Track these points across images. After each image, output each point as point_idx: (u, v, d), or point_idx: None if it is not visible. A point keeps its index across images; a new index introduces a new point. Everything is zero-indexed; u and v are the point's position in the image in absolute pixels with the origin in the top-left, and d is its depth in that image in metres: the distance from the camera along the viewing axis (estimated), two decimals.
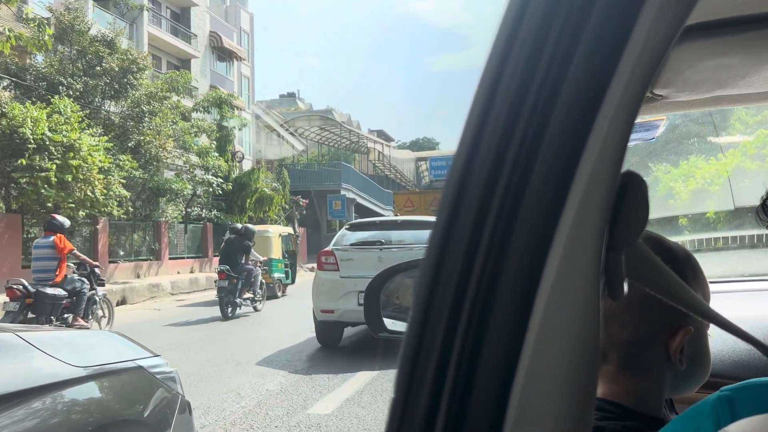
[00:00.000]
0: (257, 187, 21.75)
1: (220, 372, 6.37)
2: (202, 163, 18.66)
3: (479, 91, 0.39)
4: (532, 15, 0.38)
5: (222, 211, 21.61)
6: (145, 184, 16.45)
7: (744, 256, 3.53)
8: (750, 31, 0.79)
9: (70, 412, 2.14)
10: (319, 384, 5.75)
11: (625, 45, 0.35)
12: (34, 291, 7.26)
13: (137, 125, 15.66)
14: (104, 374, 2.35)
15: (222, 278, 10.36)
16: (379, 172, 43.82)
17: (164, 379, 2.63)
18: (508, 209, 0.36)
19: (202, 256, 20.51)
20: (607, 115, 0.35)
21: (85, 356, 2.34)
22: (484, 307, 0.36)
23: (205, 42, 29.34)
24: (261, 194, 21.78)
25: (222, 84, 30.22)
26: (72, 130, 12.41)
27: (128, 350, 2.67)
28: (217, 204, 21.50)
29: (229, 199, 21.74)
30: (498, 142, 0.37)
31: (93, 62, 15.16)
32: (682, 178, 4.80)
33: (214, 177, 19.05)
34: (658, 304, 0.53)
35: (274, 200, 22.01)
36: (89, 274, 8.23)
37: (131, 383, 2.51)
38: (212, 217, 21.08)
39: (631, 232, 0.41)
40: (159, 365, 2.67)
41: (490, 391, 0.35)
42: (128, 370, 2.49)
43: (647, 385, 0.71)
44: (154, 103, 15.80)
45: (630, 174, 0.41)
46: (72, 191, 12.45)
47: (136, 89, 15.76)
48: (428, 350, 0.37)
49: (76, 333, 3.55)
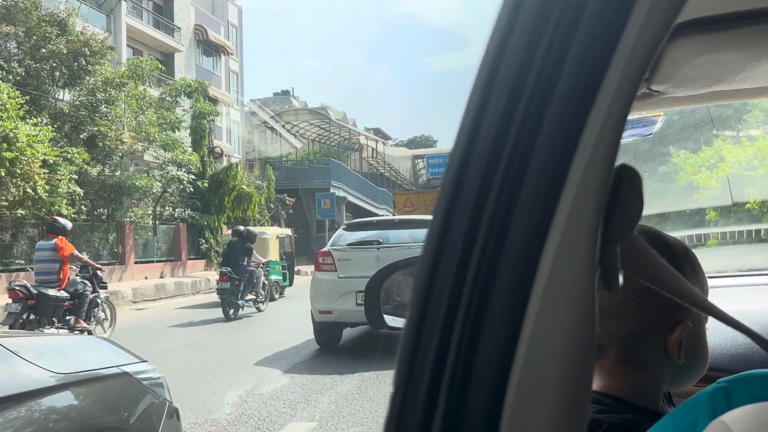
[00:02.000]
0: (235, 184, 20.18)
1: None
2: (172, 158, 17.08)
3: (475, 87, 0.40)
4: (526, 13, 0.39)
5: (198, 211, 20.04)
6: (105, 180, 14.90)
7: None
8: (746, 27, 0.81)
9: (48, 420, 2.10)
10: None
11: (618, 41, 0.36)
12: (36, 293, 7.24)
13: (92, 115, 14.08)
14: (87, 381, 2.33)
15: (224, 280, 10.40)
16: (374, 170, 42.36)
17: (151, 385, 2.62)
18: (504, 204, 0.37)
19: (175, 260, 18.91)
20: (601, 110, 0.36)
21: (67, 363, 2.34)
22: (480, 301, 0.37)
23: (190, 35, 28.40)
24: (239, 192, 20.20)
25: (209, 79, 29.18)
26: (7, 119, 10.89)
27: (114, 356, 2.66)
28: (191, 203, 19.93)
29: (205, 197, 20.19)
30: (494, 138, 0.38)
31: (39, 44, 13.59)
32: (707, 165, 4.41)
33: (185, 173, 17.47)
34: (656, 299, 0.53)
35: (254, 198, 20.41)
36: (91, 276, 8.20)
37: (116, 390, 2.49)
38: (186, 217, 19.50)
39: (626, 224, 0.42)
40: (146, 371, 2.65)
41: (487, 385, 0.36)
42: (113, 377, 2.48)
43: (645, 379, 0.72)
44: (111, 91, 14.23)
45: (625, 167, 0.41)
46: (6, 187, 10.93)
47: (92, 75, 14.17)
48: (426, 345, 0.38)
49: (61, 339, 3.48)
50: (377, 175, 41.64)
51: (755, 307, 1.49)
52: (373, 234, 7.42)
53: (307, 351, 7.38)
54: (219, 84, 30.09)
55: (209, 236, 20.26)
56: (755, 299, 1.64)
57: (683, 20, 0.81)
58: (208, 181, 19.80)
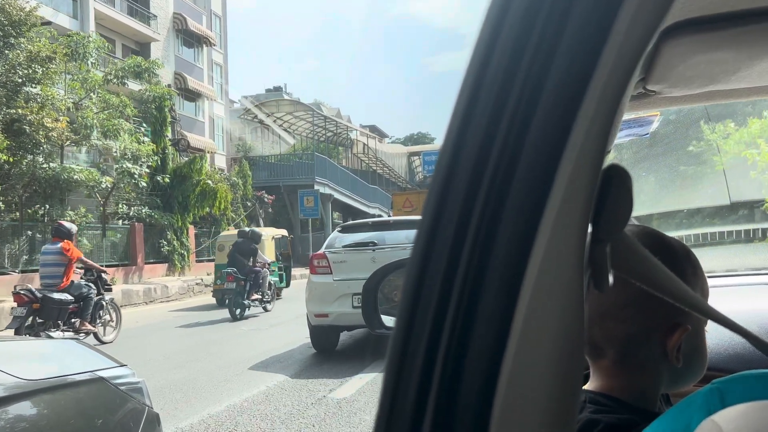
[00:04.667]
0: (200, 179, 18.06)
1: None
2: (122, 148, 14.96)
3: (463, 88, 0.40)
4: (514, 13, 0.39)
5: (158, 209, 17.95)
6: (34, 173, 12.82)
7: None
8: (741, 26, 0.81)
9: (14, 429, 2.05)
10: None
11: (606, 41, 0.37)
12: (41, 296, 7.30)
13: (14, 96, 11.98)
14: (57, 387, 2.27)
15: (230, 280, 10.71)
16: (367, 167, 40.30)
17: (129, 390, 2.56)
18: (493, 204, 0.37)
19: (129, 264, 16.79)
20: (589, 111, 0.36)
21: (38, 369, 2.32)
22: (469, 302, 0.37)
23: (168, 24, 26.99)
24: (203, 187, 18.09)
25: (190, 71, 27.93)
26: None
27: (90, 361, 2.60)
28: (150, 200, 17.84)
29: (167, 194, 18.10)
30: (482, 138, 0.38)
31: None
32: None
33: (138, 167, 15.36)
34: (656, 301, 0.53)
35: (218, 193, 18.29)
36: (96, 279, 8.22)
37: (90, 396, 2.43)
38: (144, 216, 17.42)
39: (616, 224, 0.42)
40: (124, 375, 2.59)
41: (477, 386, 0.36)
42: (86, 382, 2.41)
43: (644, 380, 0.72)
44: (37, 68, 12.14)
45: (614, 167, 0.42)
46: None
47: (12, 50, 12.07)
48: (415, 347, 0.38)
49: (32, 344, 3.42)
50: (370, 173, 39.57)
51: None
52: (369, 236, 7.26)
53: (305, 354, 7.26)
54: (201, 76, 28.83)
55: (172, 237, 18.13)
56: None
57: (677, 20, 0.80)
58: (169, 176, 17.72)
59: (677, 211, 3.16)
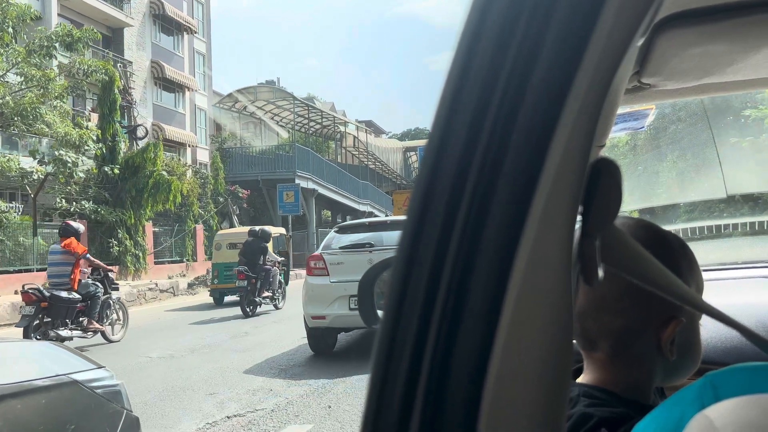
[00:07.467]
0: (153, 170, 15.85)
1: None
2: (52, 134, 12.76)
3: (447, 83, 0.39)
4: (499, 4, 0.39)
5: (106, 204, 15.76)
6: None
7: None
8: (734, 18, 0.81)
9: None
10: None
11: (590, 35, 0.36)
12: (49, 295, 7.37)
13: None
14: (24, 392, 2.20)
15: (242, 278, 10.95)
16: (359, 162, 38.09)
17: (106, 393, 2.51)
18: (479, 199, 0.37)
19: None
20: (575, 104, 0.36)
21: (4, 373, 2.24)
22: (456, 298, 0.36)
23: (144, 9, 24.98)
24: (157, 179, 15.87)
25: (169, 60, 25.97)
26: None
27: (64, 363, 2.53)
28: (97, 194, 15.65)
29: (117, 187, 15.91)
30: (467, 132, 0.38)
31: None
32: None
33: (74, 155, 13.15)
34: (650, 295, 0.53)
35: (172, 186, 16.04)
36: (103, 278, 8.29)
37: (61, 400, 2.36)
38: (89, 212, 15.21)
39: (605, 217, 0.42)
40: (101, 378, 2.55)
41: (465, 383, 0.36)
42: (58, 386, 2.35)
43: (637, 374, 0.72)
44: None
45: (603, 161, 0.42)
46: None
47: None
48: (402, 344, 0.37)
49: (4, 347, 3.21)
50: (362, 168, 37.36)
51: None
52: (366, 236, 7.29)
53: (302, 355, 7.29)
54: (181, 66, 26.82)
55: (124, 236, 15.92)
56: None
57: (671, 12, 0.81)
58: (120, 167, 15.55)
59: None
